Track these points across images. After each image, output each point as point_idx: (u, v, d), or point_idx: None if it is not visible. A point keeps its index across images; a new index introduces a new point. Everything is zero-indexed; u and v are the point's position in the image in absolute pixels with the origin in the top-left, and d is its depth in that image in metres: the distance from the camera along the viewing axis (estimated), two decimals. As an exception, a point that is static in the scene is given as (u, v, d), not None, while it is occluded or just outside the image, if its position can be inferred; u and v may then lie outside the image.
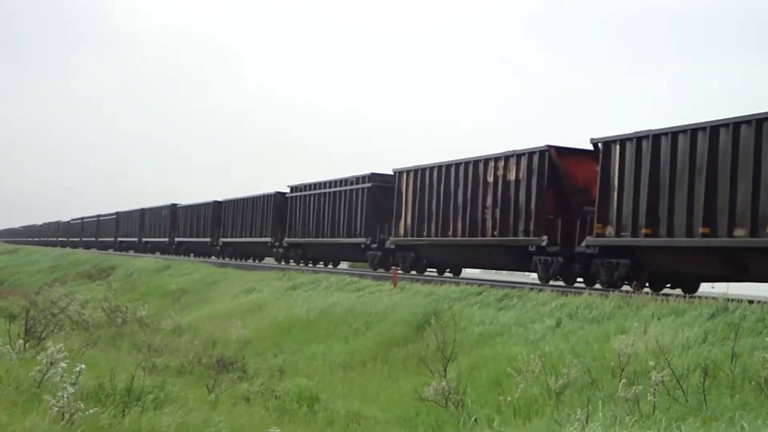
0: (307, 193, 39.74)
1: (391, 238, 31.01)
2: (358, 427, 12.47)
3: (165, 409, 9.67)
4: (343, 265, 42.51)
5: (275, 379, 15.44)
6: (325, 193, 37.59)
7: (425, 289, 22.54)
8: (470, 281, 23.76)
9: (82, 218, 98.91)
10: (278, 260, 42.81)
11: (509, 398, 12.09)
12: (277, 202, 43.40)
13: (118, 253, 70.02)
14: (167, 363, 16.18)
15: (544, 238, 22.56)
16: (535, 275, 24.56)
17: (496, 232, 24.86)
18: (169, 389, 11.06)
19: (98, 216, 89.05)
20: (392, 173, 31.82)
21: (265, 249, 45.22)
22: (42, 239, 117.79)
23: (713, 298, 15.66)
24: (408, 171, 30.18)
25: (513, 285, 21.43)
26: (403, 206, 30.16)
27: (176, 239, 61.10)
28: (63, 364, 8.72)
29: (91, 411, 8.10)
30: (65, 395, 8.02)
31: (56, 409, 7.94)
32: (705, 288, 22.09)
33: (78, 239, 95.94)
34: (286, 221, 41.45)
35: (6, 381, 9.67)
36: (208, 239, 53.74)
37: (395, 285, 24.20)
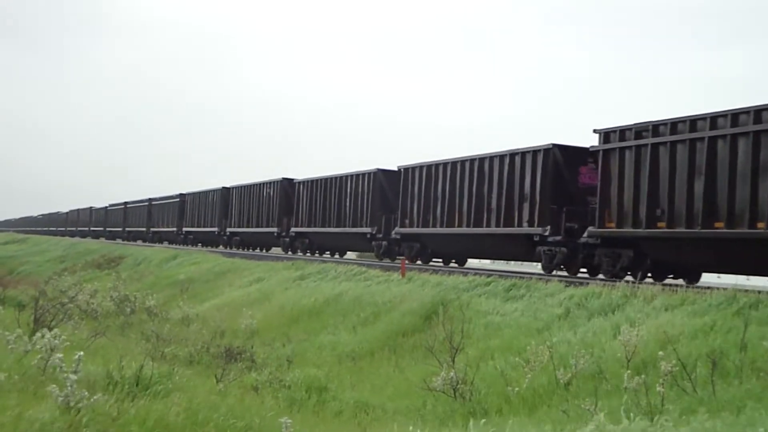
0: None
1: None
2: (366, 417, 12.48)
3: (173, 397, 9.68)
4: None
5: (284, 369, 15.46)
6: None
7: (433, 279, 22.53)
8: (479, 272, 23.75)
9: (125, 203, 79.24)
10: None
11: (517, 389, 12.10)
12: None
13: (129, 243, 69.82)
14: (176, 352, 16.22)
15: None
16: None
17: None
18: (177, 378, 11.08)
19: (149, 200, 69.77)
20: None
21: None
22: (69, 229, 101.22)
23: (719, 288, 15.60)
24: None
25: (521, 275, 21.41)
26: None
27: (293, 230, 41.69)
28: (59, 354, 8.71)
29: (95, 398, 8.11)
30: (69, 384, 8.02)
31: (60, 398, 7.95)
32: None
33: (119, 229, 78.36)
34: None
35: (14, 369, 9.70)
36: (370, 230, 34.24)
37: (403, 275, 24.20)
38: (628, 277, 20.12)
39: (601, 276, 21.18)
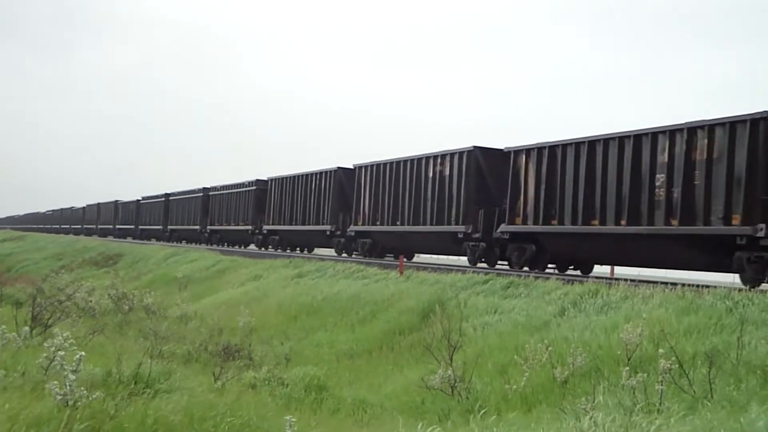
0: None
1: None
2: (364, 415, 12.48)
3: (171, 395, 9.68)
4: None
5: (282, 367, 15.47)
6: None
7: (431, 277, 22.54)
8: (477, 270, 23.75)
9: (167, 195, 63.99)
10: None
11: (515, 386, 12.11)
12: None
13: (124, 240, 69.54)
14: (174, 350, 16.22)
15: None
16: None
17: None
18: (175, 376, 11.08)
19: (204, 190, 55.10)
20: None
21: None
22: (87, 227, 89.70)
23: (721, 286, 15.66)
24: None
25: (519, 274, 21.44)
26: None
27: (507, 228, 24.90)
28: (61, 353, 8.70)
29: (93, 396, 8.11)
30: (68, 382, 8.01)
31: (59, 396, 7.94)
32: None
33: (158, 227, 64.78)
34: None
35: (13, 368, 9.70)
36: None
37: (401, 273, 24.20)
38: (627, 276, 20.62)
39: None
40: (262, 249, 44.63)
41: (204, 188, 55.31)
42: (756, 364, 10.56)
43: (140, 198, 72.58)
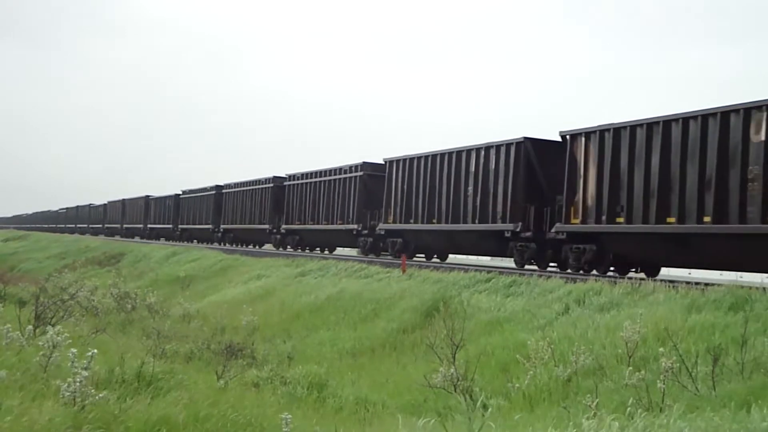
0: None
1: None
2: (366, 413, 12.48)
3: (174, 394, 9.69)
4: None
5: (284, 366, 15.47)
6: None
7: (434, 275, 22.55)
8: (479, 268, 23.75)
9: (218, 187, 54.03)
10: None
11: (518, 385, 12.11)
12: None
13: (130, 240, 69.55)
14: (176, 349, 16.20)
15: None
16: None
17: None
18: (178, 375, 11.08)
19: (274, 180, 45.21)
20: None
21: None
22: (109, 226, 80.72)
23: (720, 284, 15.65)
24: None
25: (521, 272, 21.44)
26: None
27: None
28: (74, 350, 8.69)
29: (100, 395, 8.11)
30: (78, 380, 7.99)
31: (68, 393, 7.93)
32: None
33: (206, 227, 54.58)
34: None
35: (16, 366, 9.71)
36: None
37: (404, 271, 24.21)
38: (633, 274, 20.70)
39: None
40: (371, 256, 33.89)
41: (275, 177, 45.16)
42: (761, 362, 10.56)
43: (180, 192, 62.04)
